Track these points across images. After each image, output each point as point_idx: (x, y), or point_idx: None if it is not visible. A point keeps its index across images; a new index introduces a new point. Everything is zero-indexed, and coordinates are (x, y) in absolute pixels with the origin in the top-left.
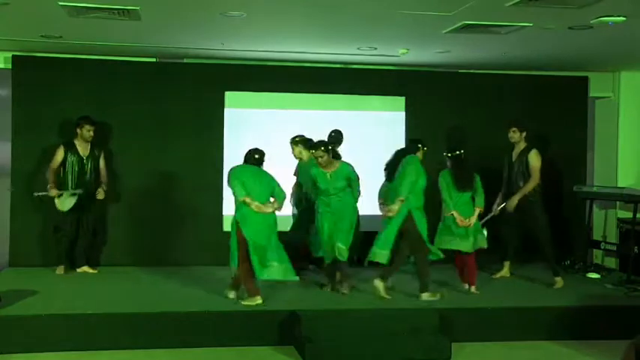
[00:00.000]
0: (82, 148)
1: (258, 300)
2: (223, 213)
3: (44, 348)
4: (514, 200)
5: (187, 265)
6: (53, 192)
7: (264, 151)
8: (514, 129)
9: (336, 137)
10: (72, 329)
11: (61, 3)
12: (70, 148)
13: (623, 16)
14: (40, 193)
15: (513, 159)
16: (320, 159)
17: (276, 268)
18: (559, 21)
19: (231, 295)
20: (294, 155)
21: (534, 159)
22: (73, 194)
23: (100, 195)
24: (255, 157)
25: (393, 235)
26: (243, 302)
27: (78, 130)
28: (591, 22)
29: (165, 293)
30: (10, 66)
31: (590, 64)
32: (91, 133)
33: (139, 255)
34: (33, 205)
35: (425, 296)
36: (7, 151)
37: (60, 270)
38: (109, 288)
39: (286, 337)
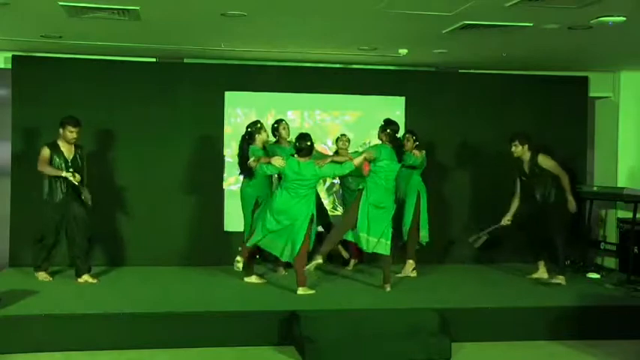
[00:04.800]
0: (67, 150)
1: None
2: (224, 212)
3: (44, 348)
4: (572, 201)
5: (187, 265)
6: (75, 175)
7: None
8: (515, 143)
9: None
10: (72, 329)
11: (61, 3)
12: (55, 149)
13: (623, 16)
14: (71, 177)
15: (527, 171)
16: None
17: None
18: (559, 21)
19: None
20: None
21: (545, 160)
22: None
23: (89, 202)
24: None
25: None
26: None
27: (60, 131)
28: (591, 22)
29: (165, 293)
30: (10, 66)
31: (590, 64)
32: (74, 135)
33: (138, 255)
34: (33, 205)
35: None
36: (7, 151)
37: (44, 276)
38: (109, 288)
39: (286, 337)
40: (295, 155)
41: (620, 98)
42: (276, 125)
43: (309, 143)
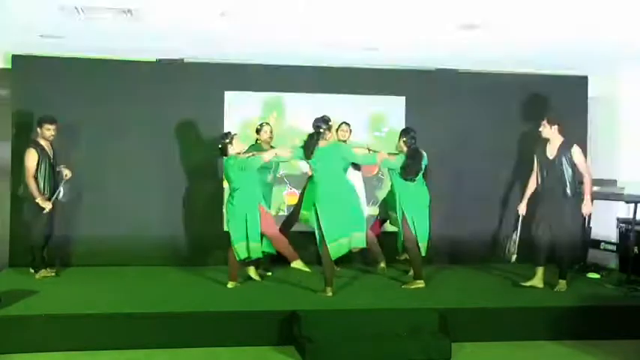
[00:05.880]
0: (48, 149)
1: None
2: (224, 212)
3: (44, 348)
4: (589, 203)
5: (187, 265)
6: (49, 204)
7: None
8: (544, 122)
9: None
10: (72, 329)
11: (61, 3)
12: (41, 150)
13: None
14: (45, 211)
15: (550, 157)
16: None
17: None
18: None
19: None
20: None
21: (578, 154)
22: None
23: (68, 173)
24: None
25: None
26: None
27: (38, 130)
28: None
29: (165, 293)
30: (10, 66)
31: (590, 64)
32: (52, 132)
33: (139, 255)
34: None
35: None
36: (7, 151)
37: (45, 273)
38: (109, 288)
39: (286, 337)
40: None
41: (620, 98)
42: (259, 127)
43: (226, 141)
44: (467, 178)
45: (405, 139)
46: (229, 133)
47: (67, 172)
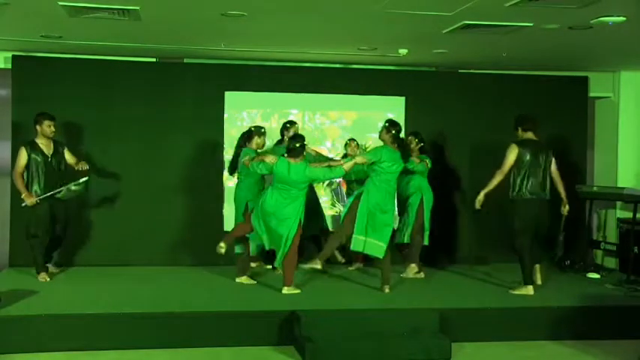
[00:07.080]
0: (46, 147)
1: None
2: (224, 213)
3: (44, 348)
4: (480, 195)
5: (188, 265)
6: (32, 200)
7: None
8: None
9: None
10: (72, 329)
11: (61, 3)
12: (33, 147)
13: (623, 16)
14: (24, 204)
15: None
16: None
17: None
18: (559, 21)
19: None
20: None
21: (507, 151)
22: (77, 185)
23: (85, 165)
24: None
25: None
26: None
27: (38, 128)
28: (591, 22)
29: (165, 293)
30: (10, 66)
31: (590, 64)
32: (52, 128)
33: (139, 255)
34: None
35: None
36: (7, 151)
37: (43, 277)
38: (109, 288)
39: (286, 337)
40: (286, 155)
41: (620, 98)
42: (288, 125)
43: (297, 145)
44: (466, 178)
45: (422, 144)
46: (300, 136)
47: (80, 166)
